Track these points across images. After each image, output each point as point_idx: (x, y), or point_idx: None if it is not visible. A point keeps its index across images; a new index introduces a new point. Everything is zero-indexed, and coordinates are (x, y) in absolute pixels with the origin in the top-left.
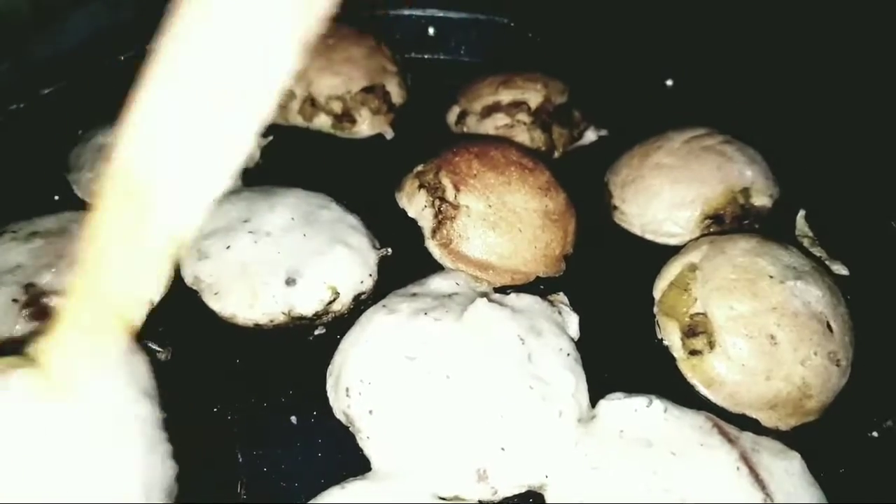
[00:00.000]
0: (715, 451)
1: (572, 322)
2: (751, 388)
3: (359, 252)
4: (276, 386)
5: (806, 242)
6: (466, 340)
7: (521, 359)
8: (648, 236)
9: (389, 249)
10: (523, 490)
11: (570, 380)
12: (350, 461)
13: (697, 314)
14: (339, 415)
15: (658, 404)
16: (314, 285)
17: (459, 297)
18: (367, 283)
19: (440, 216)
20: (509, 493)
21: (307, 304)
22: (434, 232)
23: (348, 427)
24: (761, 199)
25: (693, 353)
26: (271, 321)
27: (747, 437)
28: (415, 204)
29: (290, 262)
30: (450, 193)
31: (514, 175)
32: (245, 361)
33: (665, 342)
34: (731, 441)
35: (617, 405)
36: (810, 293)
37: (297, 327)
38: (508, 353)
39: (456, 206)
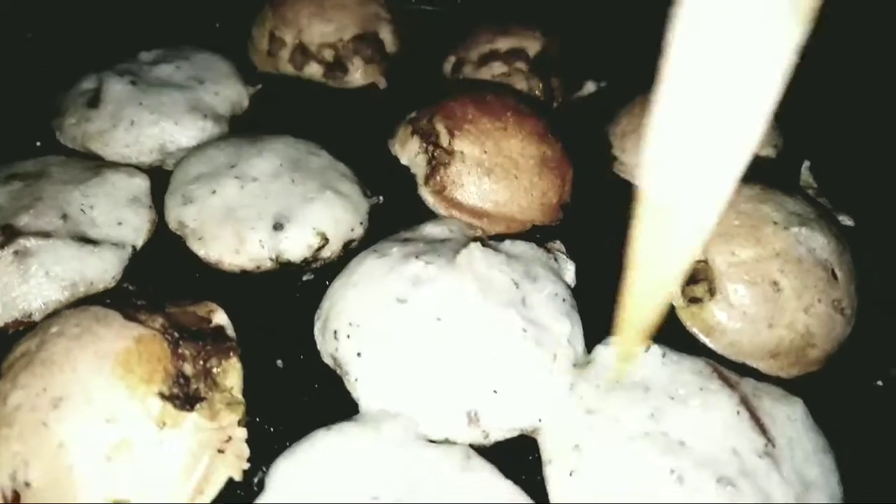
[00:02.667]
0: (715, 396)
1: (569, 269)
2: (752, 337)
3: (349, 199)
4: (262, 331)
5: (810, 193)
6: (458, 283)
7: (515, 302)
8: None
9: (381, 198)
10: (516, 434)
11: (566, 324)
12: (338, 405)
13: (698, 261)
14: (326, 358)
15: (656, 349)
16: (302, 231)
17: (452, 243)
18: (358, 231)
19: (434, 162)
20: (501, 437)
21: (295, 249)
22: (427, 179)
23: (336, 371)
24: (765, 150)
25: (693, 300)
26: (258, 267)
27: (748, 383)
28: (408, 150)
29: (277, 208)
30: (444, 139)
31: (511, 121)
32: (231, 307)
33: None
34: (731, 386)
35: (613, 349)
36: (815, 240)
37: (285, 274)
38: (502, 296)
39: (450, 153)
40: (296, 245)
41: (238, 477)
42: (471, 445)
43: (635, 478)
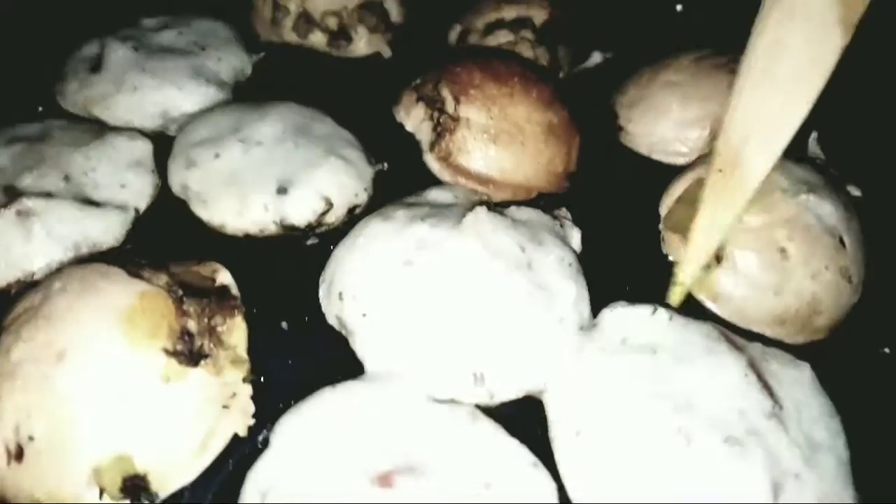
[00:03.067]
0: (722, 358)
1: (575, 236)
2: (759, 303)
3: (354, 165)
4: (267, 294)
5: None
6: (464, 246)
7: (521, 266)
8: (656, 156)
9: (386, 164)
10: (521, 395)
11: (571, 288)
12: (343, 365)
13: None
14: (331, 320)
15: (663, 312)
16: (307, 195)
17: (458, 208)
18: (362, 197)
19: (439, 129)
20: (507, 398)
21: (299, 213)
22: (432, 145)
23: (341, 332)
24: None
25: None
26: (262, 231)
27: (756, 347)
28: (413, 117)
29: (281, 172)
30: (449, 105)
31: (518, 86)
32: (235, 270)
33: (671, 258)
34: (738, 349)
35: (620, 313)
36: (823, 207)
37: (288, 238)
38: (508, 259)
39: (456, 119)
40: (300, 209)
41: (243, 433)
42: (476, 406)
43: (642, 437)
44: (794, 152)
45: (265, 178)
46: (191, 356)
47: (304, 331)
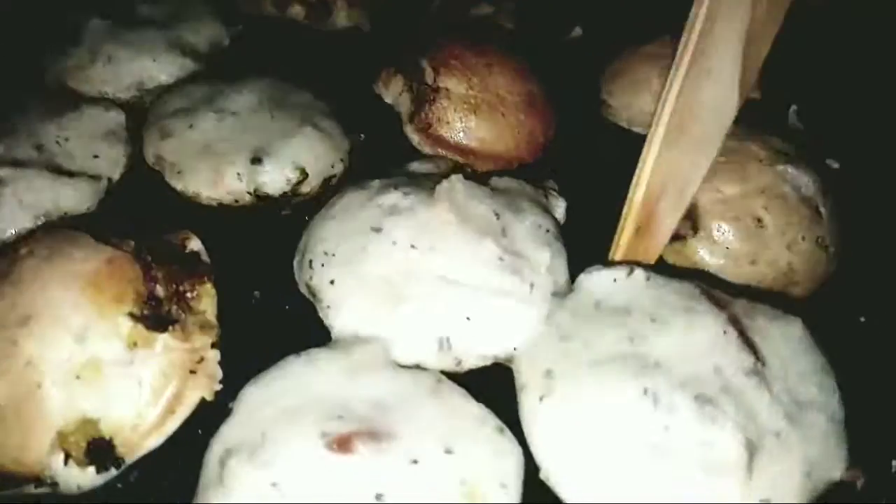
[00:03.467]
0: (700, 316)
1: (559, 206)
2: (735, 273)
3: (330, 135)
4: (240, 264)
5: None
6: (436, 213)
7: (494, 232)
8: (636, 129)
9: (363, 135)
10: (490, 362)
11: (545, 254)
12: (313, 334)
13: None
14: (302, 289)
15: (639, 273)
16: (281, 165)
17: (436, 177)
18: (338, 168)
19: (418, 100)
20: (475, 365)
21: (274, 183)
22: (412, 116)
23: (311, 300)
24: (752, 92)
25: (676, 238)
26: (236, 201)
27: (740, 304)
28: (392, 89)
29: (256, 142)
30: (429, 76)
31: (497, 57)
32: (208, 240)
33: None
34: (720, 306)
35: (595, 276)
36: (800, 178)
37: (263, 209)
38: (480, 225)
39: (435, 90)
40: (274, 179)
41: (210, 397)
42: (444, 373)
43: (607, 400)
44: (774, 124)
45: (239, 147)
46: (158, 321)
47: (275, 300)
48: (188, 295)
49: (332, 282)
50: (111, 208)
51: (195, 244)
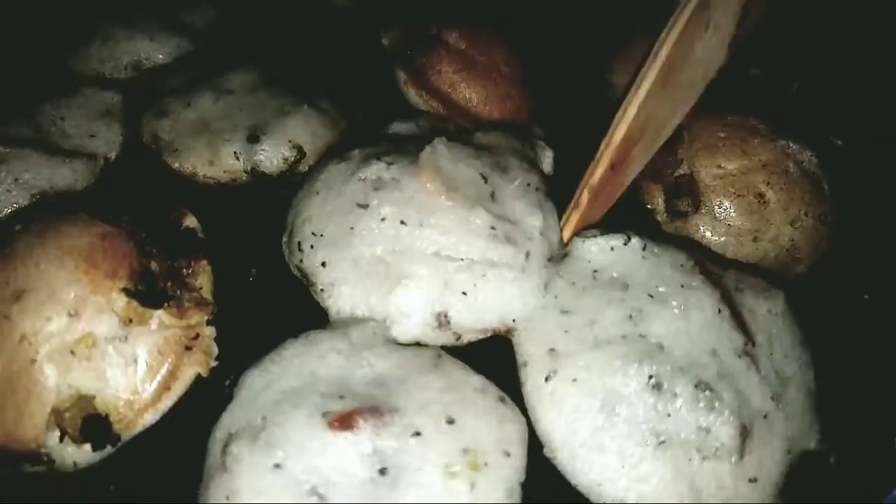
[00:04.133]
0: (695, 294)
1: (547, 157)
2: (737, 250)
3: (327, 114)
4: (237, 243)
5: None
6: (422, 184)
7: (483, 198)
8: None
9: (362, 113)
10: (489, 335)
11: (537, 217)
12: (309, 314)
13: (683, 175)
14: (294, 270)
15: (636, 242)
16: (278, 143)
17: (418, 139)
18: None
19: (416, 45)
20: (474, 338)
21: (271, 162)
22: (406, 59)
23: (304, 282)
24: (754, 69)
25: (677, 214)
26: (233, 180)
27: (731, 276)
28: (393, 34)
29: (253, 120)
30: (433, 28)
31: (500, 31)
32: (205, 219)
33: (648, 206)
34: (713, 282)
35: (591, 242)
36: (803, 153)
37: (261, 188)
38: (469, 192)
39: (436, 39)
40: (271, 157)
41: (205, 373)
42: (444, 348)
43: (612, 385)
44: (776, 100)
45: (236, 126)
46: (153, 298)
47: (272, 280)
48: (184, 272)
49: (323, 264)
50: (107, 187)
51: (191, 221)
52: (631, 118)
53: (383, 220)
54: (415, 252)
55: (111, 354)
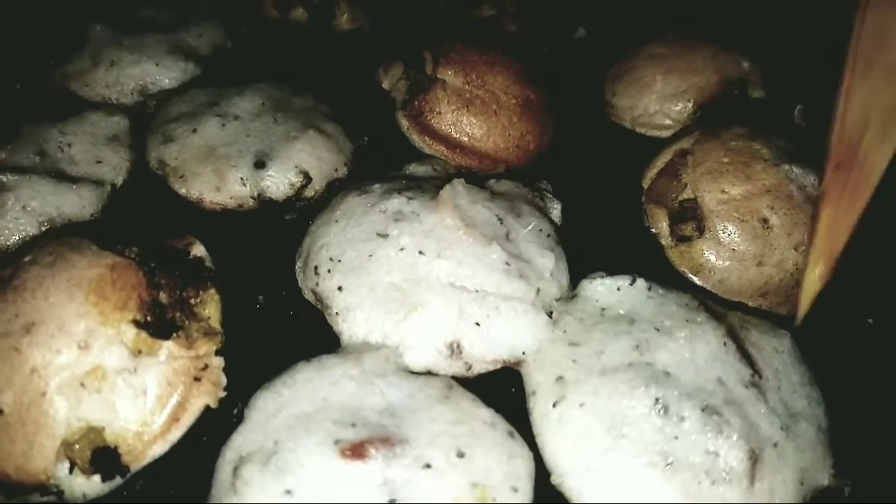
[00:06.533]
0: (701, 327)
1: (555, 208)
2: (741, 275)
3: (333, 139)
4: (244, 269)
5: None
6: (441, 217)
7: (499, 237)
8: (639, 129)
9: (366, 138)
10: (499, 366)
11: (549, 259)
12: (320, 339)
13: (687, 200)
14: (307, 294)
15: (641, 283)
16: (285, 169)
17: (435, 181)
18: (342, 171)
19: (414, 87)
20: (485, 369)
21: (277, 188)
22: (405, 103)
23: (317, 306)
24: (756, 92)
25: (681, 239)
26: (240, 206)
27: (735, 316)
28: (391, 75)
29: (259, 146)
30: (428, 66)
31: (500, 57)
32: (212, 246)
33: (653, 230)
34: (717, 318)
35: (598, 283)
36: (806, 178)
37: (267, 214)
38: (485, 230)
39: (432, 79)
40: (278, 183)
41: (214, 404)
42: (455, 378)
43: (619, 408)
44: (779, 123)
45: (243, 152)
46: (162, 328)
47: (280, 305)
48: (192, 301)
49: (339, 288)
50: (114, 214)
51: (199, 250)
52: (840, 117)
53: (402, 249)
54: (431, 281)
55: (121, 386)
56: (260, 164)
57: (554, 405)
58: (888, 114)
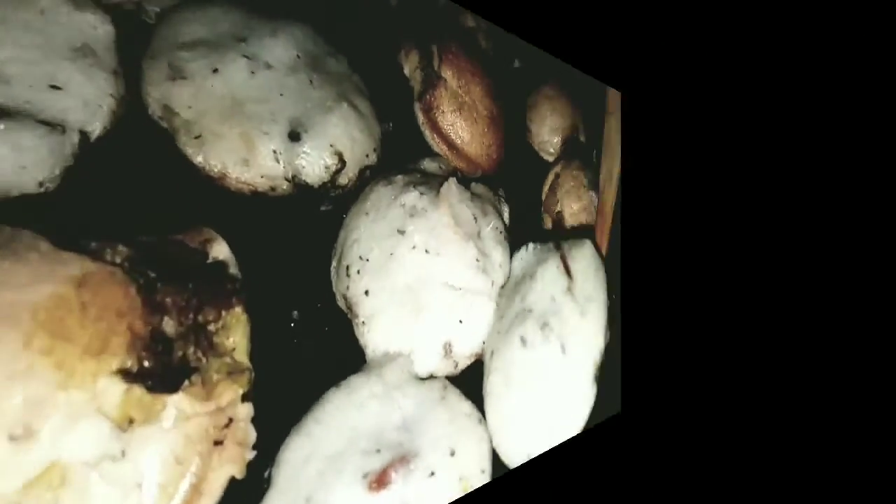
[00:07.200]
0: (547, 262)
1: (505, 210)
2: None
3: (365, 119)
4: (276, 276)
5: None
6: (440, 215)
7: (474, 235)
8: (541, 154)
9: (391, 124)
10: (473, 361)
11: (500, 252)
12: (348, 354)
13: (558, 211)
14: (339, 301)
15: (529, 247)
16: (320, 147)
17: (440, 178)
18: (372, 158)
19: (426, 81)
20: (465, 365)
21: (313, 168)
22: (420, 95)
23: (347, 314)
24: (581, 137)
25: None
26: (272, 189)
27: (568, 243)
28: (409, 62)
29: (294, 111)
30: (435, 61)
31: (480, 69)
32: (238, 244)
33: (545, 227)
34: (558, 248)
35: (516, 257)
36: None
37: (301, 202)
38: (467, 229)
39: (438, 77)
40: (313, 164)
41: (241, 475)
42: (446, 378)
43: (510, 355)
44: (588, 160)
45: (276, 115)
46: (166, 377)
47: (315, 321)
48: (210, 327)
49: (366, 293)
50: (85, 186)
51: (220, 250)
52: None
53: (414, 247)
54: (432, 281)
55: (96, 485)
56: (294, 136)
57: (486, 377)
58: (609, 175)
